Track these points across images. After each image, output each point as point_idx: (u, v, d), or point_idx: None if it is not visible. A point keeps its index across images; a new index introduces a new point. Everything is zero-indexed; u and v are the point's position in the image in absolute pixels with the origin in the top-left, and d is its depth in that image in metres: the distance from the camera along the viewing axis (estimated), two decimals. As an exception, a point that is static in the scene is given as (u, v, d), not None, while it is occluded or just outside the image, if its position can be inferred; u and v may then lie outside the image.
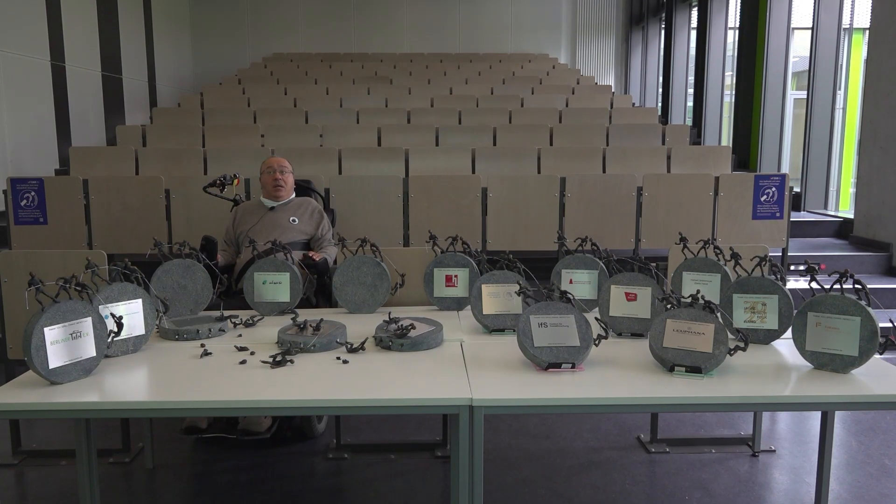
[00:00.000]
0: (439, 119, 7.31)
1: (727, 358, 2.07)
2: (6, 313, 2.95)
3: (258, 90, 9.02)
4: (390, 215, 4.51)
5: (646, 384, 1.92)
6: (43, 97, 7.35)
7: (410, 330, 2.31)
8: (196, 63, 12.13)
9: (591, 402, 1.85)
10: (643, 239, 4.62)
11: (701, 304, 2.07)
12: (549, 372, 2.03)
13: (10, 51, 6.66)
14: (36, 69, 7.21)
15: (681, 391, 1.87)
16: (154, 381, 2.06)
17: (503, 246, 4.47)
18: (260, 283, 2.77)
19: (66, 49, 7.77)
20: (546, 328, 2.08)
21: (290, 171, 3.67)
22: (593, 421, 3.48)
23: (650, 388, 1.89)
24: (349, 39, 12.48)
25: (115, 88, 9.04)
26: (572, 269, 2.76)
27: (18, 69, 6.82)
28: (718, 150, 6.06)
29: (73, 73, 7.90)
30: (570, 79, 10.16)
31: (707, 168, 5.81)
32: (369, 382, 1.97)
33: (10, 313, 2.95)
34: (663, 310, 2.16)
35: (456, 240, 2.88)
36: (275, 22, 12.38)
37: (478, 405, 1.83)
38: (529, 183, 4.64)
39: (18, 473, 3.01)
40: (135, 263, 2.40)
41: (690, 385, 1.91)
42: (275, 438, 3.17)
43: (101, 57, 8.69)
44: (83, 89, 8.19)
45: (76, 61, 7.99)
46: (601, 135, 6.68)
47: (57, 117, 7.56)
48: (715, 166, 5.84)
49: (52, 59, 7.49)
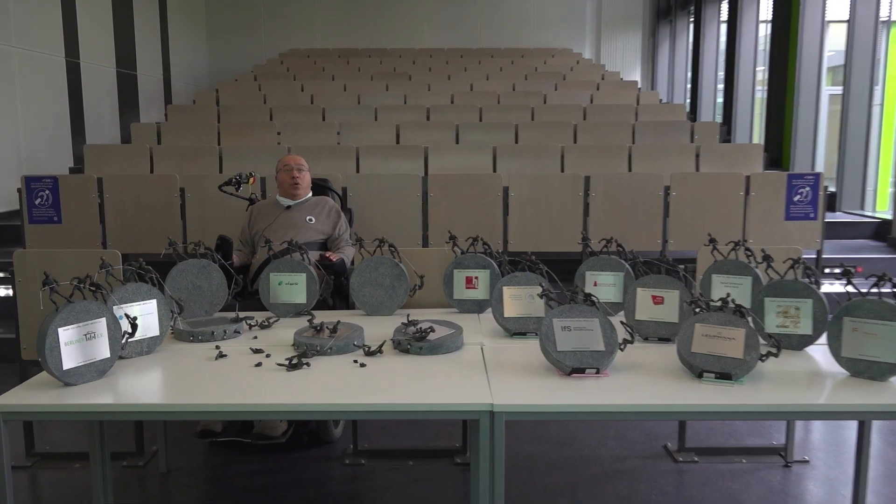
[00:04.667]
0: (459, 116, 7.30)
1: (758, 364, 2.05)
2: (20, 313, 3.00)
3: (274, 86, 9.07)
4: (409, 215, 4.51)
5: (673, 391, 1.91)
6: (58, 94, 7.45)
7: (429, 333, 2.31)
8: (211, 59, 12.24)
9: (616, 409, 1.84)
10: (671, 240, 4.59)
11: (731, 309, 2.05)
12: (573, 377, 2.02)
13: (26, 47, 6.77)
14: (51, 66, 7.31)
15: (710, 398, 1.85)
16: (168, 384, 2.08)
17: (525, 247, 4.45)
18: (276, 284, 2.78)
19: (81, 45, 7.87)
20: (570, 332, 2.07)
21: (307, 170, 3.69)
22: (618, 428, 3.46)
23: (678, 395, 1.88)
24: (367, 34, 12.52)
25: (129, 85, 9.15)
26: (597, 271, 2.75)
27: (33, 66, 6.92)
28: (749, 147, 6.00)
29: (87, 70, 8.01)
30: (594, 74, 10.11)
31: (738, 167, 5.75)
32: (387, 386, 1.98)
33: (25, 313, 2.99)
34: (692, 314, 2.14)
35: (476, 240, 2.88)
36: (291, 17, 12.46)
37: (499, 411, 1.82)
38: (552, 182, 4.62)
39: (32, 476, 3.05)
40: (149, 263, 2.42)
41: (720, 392, 1.89)
42: (290, 443, 3.19)
43: (116, 53, 8.80)
44: (98, 86, 8.29)
45: (91, 58, 8.09)
46: (627, 132, 6.63)
47: (72, 115, 7.66)
48: (746, 165, 5.79)
49: (67, 56, 7.59)
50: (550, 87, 8.91)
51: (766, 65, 9.25)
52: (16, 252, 2.99)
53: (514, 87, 9.02)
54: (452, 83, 9.23)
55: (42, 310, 2.03)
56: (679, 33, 12.54)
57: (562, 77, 9.61)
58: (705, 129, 6.80)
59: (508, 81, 9.23)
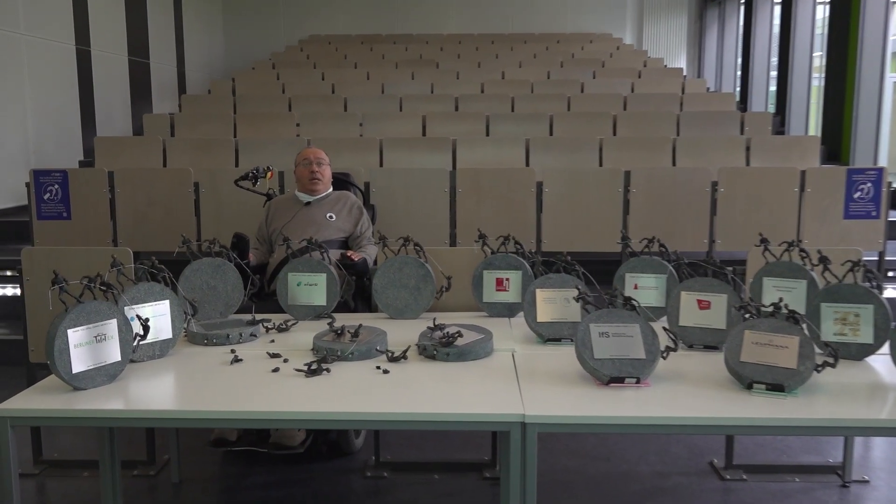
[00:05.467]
0: (490, 106, 7.30)
1: (814, 375, 2.02)
2: (28, 314, 3.06)
3: (293, 75, 9.15)
4: (436, 212, 4.52)
5: (720, 403, 1.89)
6: (67, 84, 7.58)
7: (457, 338, 2.31)
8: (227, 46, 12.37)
9: (657, 422, 1.83)
10: (718, 240, 4.55)
11: (784, 314, 2.03)
12: (611, 387, 2.01)
13: (34, 35, 6.89)
14: (60, 54, 7.44)
15: (760, 411, 1.84)
16: (181, 389, 2.11)
17: (560, 246, 4.43)
18: (294, 285, 2.80)
19: (92, 32, 8.00)
20: (608, 338, 2.06)
21: (328, 163, 3.71)
22: (660, 443, 3.44)
23: (725, 408, 1.86)
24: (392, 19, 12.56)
25: (142, 74, 9.28)
26: (638, 272, 2.73)
27: (43, 54, 7.05)
28: (805, 140, 5.92)
29: (98, 59, 8.13)
30: (636, 61, 10.04)
31: (792, 161, 5.67)
32: (412, 395, 1.98)
33: (33, 314, 3.05)
34: (741, 320, 2.12)
35: (508, 239, 2.88)
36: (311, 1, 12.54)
37: (531, 422, 1.82)
38: (590, 177, 4.60)
39: (39, 484, 3.11)
40: (162, 262, 2.46)
41: (771, 405, 1.88)
42: (309, 453, 3.21)
43: (128, 41, 8.93)
44: (109, 75, 8.42)
45: (102, 46, 8.22)
46: (671, 123, 6.58)
47: (82, 105, 7.79)
48: (801, 159, 5.71)
49: (77, 44, 7.72)
50: (588, 75, 8.87)
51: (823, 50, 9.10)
52: (24, 249, 3.05)
53: (548, 75, 8.99)
54: (482, 71, 9.22)
55: (51, 310, 2.07)
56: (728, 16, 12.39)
57: (600, 64, 9.55)
58: (757, 119, 6.73)
59: (543, 69, 9.20)
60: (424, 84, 8.47)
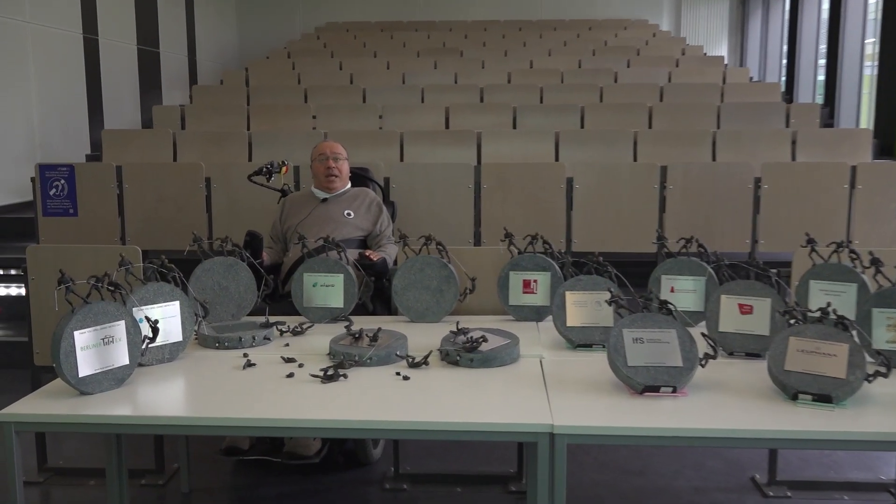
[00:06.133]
0: (517, 97, 7.29)
1: (864, 385, 2.00)
2: (33, 314, 3.10)
3: (310, 65, 9.20)
4: (459, 209, 4.53)
5: (763, 414, 1.88)
6: (74, 74, 7.68)
7: (482, 343, 2.31)
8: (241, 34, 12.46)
9: (695, 434, 1.83)
10: (761, 240, 4.52)
11: (832, 320, 2.01)
12: (645, 396, 2.00)
13: (40, 22, 6.99)
14: (67, 43, 7.54)
15: (806, 424, 1.82)
16: (191, 395, 2.13)
17: (591, 246, 4.42)
18: (310, 286, 2.82)
19: (100, 20, 8.09)
20: (642, 344, 2.05)
21: (346, 158, 3.73)
22: (698, 456, 3.42)
23: (768, 419, 1.85)
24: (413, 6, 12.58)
25: (151, 64, 9.37)
26: (674, 274, 2.71)
27: (49, 43, 7.14)
28: (856, 133, 5.86)
29: (106, 48, 8.23)
30: (673, 49, 9.99)
31: (841, 155, 5.61)
32: (433, 402, 1.99)
33: (38, 314, 3.09)
34: (785, 326, 2.10)
35: (536, 238, 2.87)
36: (329, -14, 12.60)
37: (560, 433, 1.82)
38: (623, 172, 4.59)
39: (44, 493, 3.16)
40: (172, 261, 2.48)
41: (818, 417, 1.86)
42: (324, 463, 3.23)
43: (137, 29, 9.02)
44: (117, 65, 8.52)
45: (110, 34, 8.32)
46: (711, 115, 6.55)
47: (89, 96, 7.89)
48: (852, 153, 5.64)
49: (85, 32, 7.81)
50: (622, 64, 8.83)
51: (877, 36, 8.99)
52: (29, 248, 3.09)
53: (579, 63, 8.97)
54: (509, 60, 9.22)
55: (57, 311, 2.10)
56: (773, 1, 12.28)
57: (635, 52, 9.51)
58: (803, 111, 6.68)
59: (573, 58, 9.18)
60: (448, 74, 8.48)
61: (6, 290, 5.05)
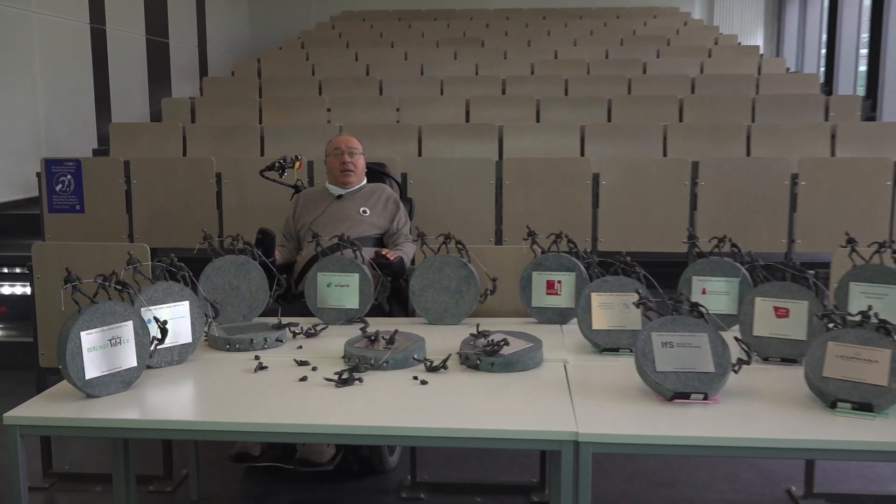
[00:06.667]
0: (541, 89, 7.28)
1: (908, 393, 1.98)
2: (39, 314, 3.13)
3: (324, 55, 9.23)
4: (480, 206, 4.53)
5: (799, 423, 1.87)
6: (81, 65, 7.74)
7: (503, 346, 2.31)
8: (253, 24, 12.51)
9: (728, 443, 1.82)
10: (798, 240, 4.49)
11: (874, 324, 2.00)
12: (675, 403, 2.00)
13: (46, 12, 7.05)
14: (74, 33, 7.60)
15: (845, 433, 1.81)
16: (201, 398, 2.15)
17: (618, 246, 4.41)
18: (324, 286, 2.83)
19: (108, 9, 8.16)
20: (672, 349, 2.05)
21: (361, 153, 3.74)
22: (730, 467, 3.40)
23: (805, 429, 1.84)
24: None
25: (160, 55, 9.43)
26: (706, 275, 2.70)
27: (55, 33, 7.20)
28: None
29: (114, 38, 8.29)
30: (706, 38, 9.93)
31: (884, 150, 5.56)
32: (452, 408, 1.99)
33: (43, 314, 3.13)
34: (824, 330, 2.09)
35: (560, 237, 2.87)
36: (344, -26, 12.63)
37: (585, 441, 1.82)
38: (652, 168, 4.57)
39: (49, 499, 3.19)
40: (181, 259, 2.50)
41: (858, 426, 1.85)
42: (338, 471, 3.24)
43: (146, 18, 9.08)
44: (125, 56, 8.58)
45: (118, 24, 8.38)
46: (745, 108, 6.51)
47: (96, 88, 7.95)
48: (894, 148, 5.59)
49: (92, 22, 7.88)
50: (651, 55, 8.80)
51: (922, 24, 8.88)
52: (34, 245, 3.13)
53: (606, 54, 8.94)
54: (533, 50, 9.20)
55: (63, 311, 2.12)
56: (812, -13, 12.18)
57: (665, 42, 9.47)
58: (844, 103, 6.62)
59: (600, 47, 9.15)
60: (468, 65, 8.48)
61: (11, 288, 5.10)
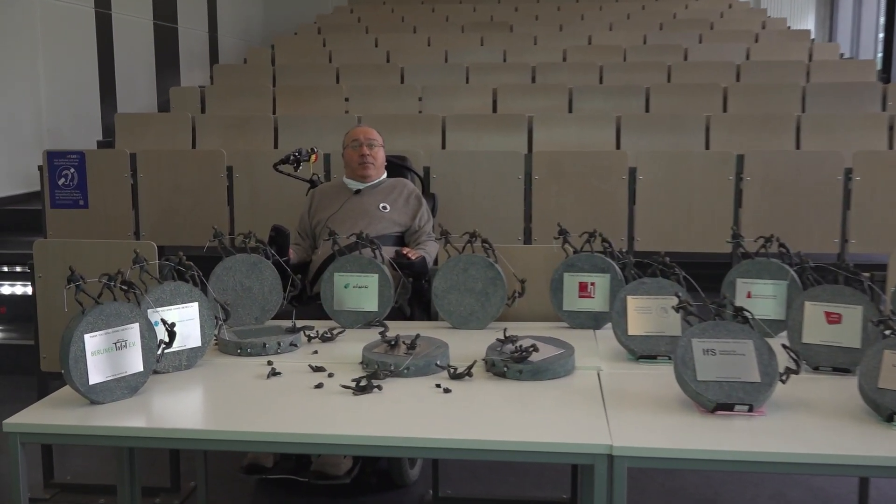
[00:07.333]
0: (573, 77, 7.26)
1: (971, 407, 1.96)
2: (40, 315, 3.17)
3: (342, 41, 9.26)
4: (508, 202, 4.52)
5: (852, 437, 1.85)
6: (86, 52, 7.81)
7: (532, 353, 2.31)
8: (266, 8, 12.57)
9: (774, 459, 1.80)
10: (852, 240, 4.45)
11: (934, 332, 1.97)
12: (717, 415, 1.98)
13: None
14: (78, 18, 7.66)
15: (903, 449, 1.79)
16: (211, 406, 2.16)
17: (657, 245, 4.38)
18: (341, 287, 2.84)
19: (114, -8, 8.24)
20: (714, 357, 2.04)
21: (381, 145, 3.75)
22: (777, 484, 3.38)
23: (858, 444, 1.82)
24: (458, -26, 12.60)
25: (169, 41, 9.49)
26: (752, 278, 2.69)
27: (58, 18, 7.26)
28: (964, 117, 5.73)
29: (120, 23, 8.35)
30: (752, 22, 9.86)
31: (947, 143, 5.51)
32: (477, 419, 1.99)
33: (45, 315, 3.16)
34: (880, 337, 2.07)
35: (593, 236, 2.86)
36: (364, -47, 12.66)
37: (619, 455, 1.81)
38: (694, 162, 4.55)
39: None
40: (190, 258, 2.52)
41: (917, 442, 1.83)
42: (355, 485, 3.25)
43: (154, 2, 9.15)
44: (132, 42, 8.64)
45: (124, 8, 8.44)
46: (795, 97, 6.46)
47: (101, 77, 8.01)
48: (958, 140, 5.54)
49: (97, 6, 7.94)
50: (693, 40, 8.75)
51: None
52: (36, 242, 3.16)
53: (644, 39, 8.90)
54: (565, 35, 9.18)
55: (66, 312, 2.14)
56: (868, -34, 12.06)
57: (709, 26, 9.41)
58: (903, 93, 6.54)
59: (638, 32, 9.11)
60: (495, 51, 8.48)
61: (11, 288, 5.16)
